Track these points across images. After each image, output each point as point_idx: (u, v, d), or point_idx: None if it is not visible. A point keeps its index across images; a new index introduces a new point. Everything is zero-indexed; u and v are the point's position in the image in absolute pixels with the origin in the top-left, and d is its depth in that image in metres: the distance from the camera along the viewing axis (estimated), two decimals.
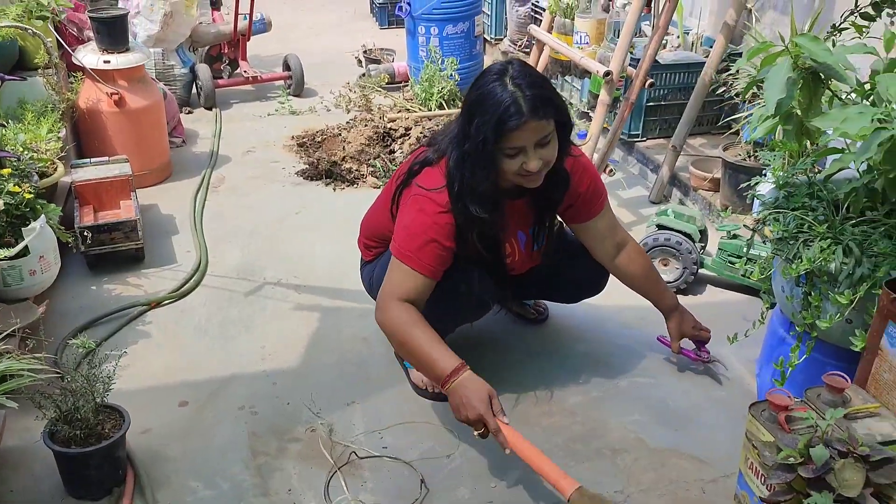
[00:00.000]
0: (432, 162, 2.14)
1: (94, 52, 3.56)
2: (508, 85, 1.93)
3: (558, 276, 2.45)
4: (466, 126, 1.99)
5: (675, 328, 2.43)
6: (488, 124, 1.93)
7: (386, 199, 2.30)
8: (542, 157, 1.99)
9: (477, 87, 1.99)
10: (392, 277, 2.11)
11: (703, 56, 3.73)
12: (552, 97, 1.99)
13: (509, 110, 1.91)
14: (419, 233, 2.08)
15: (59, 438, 1.93)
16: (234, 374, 2.49)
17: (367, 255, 2.47)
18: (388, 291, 2.10)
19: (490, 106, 1.93)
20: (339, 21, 6.94)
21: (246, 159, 4.12)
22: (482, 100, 1.95)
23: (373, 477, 2.10)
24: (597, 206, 2.33)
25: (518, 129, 1.93)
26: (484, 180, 2.00)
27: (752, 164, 3.07)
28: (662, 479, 2.09)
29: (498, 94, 1.92)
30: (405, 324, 2.04)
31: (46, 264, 2.46)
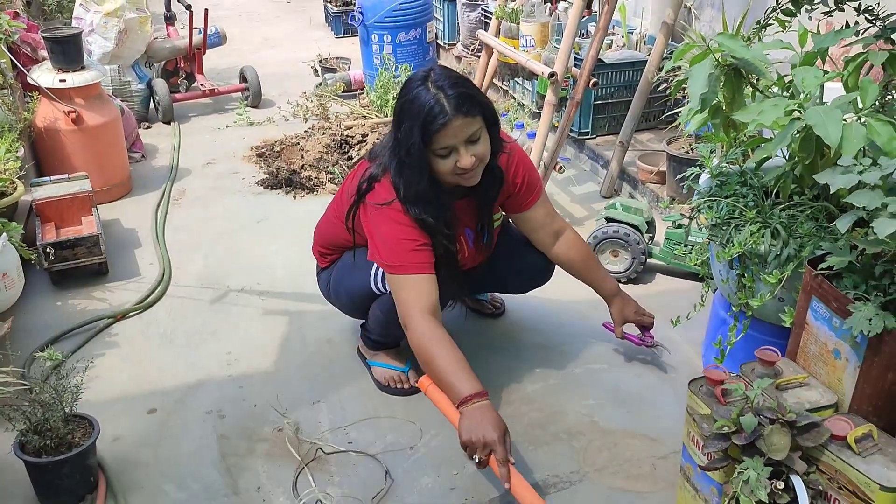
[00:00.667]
0: (378, 177, 2.19)
1: (49, 72, 3.59)
2: (431, 88, 2.01)
3: (507, 269, 2.55)
4: (398, 133, 2.08)
5: (617, 313, 2.52)
6: (416, 127, 2.01)
7: (337, 210, 2.38)
8: (474, 154, 2.07)
9: (403, 95, 2.07)
10: (400, 295, 2.13)
11: (647, 55, 3.86)
12: (474, 95, 2.07)
13: (433, 110, 1.99)
14: (398, 241, 2.14)
15: (30, 449, 1.98)
16: (200, 381, 2.55)
17: (323, 263, 2.54)
18: (405, 310, 2.11)
19: (416, 109, 2.01)
20: (294, 32, 7.00)
21: (206, 171, 4.17)
22: (408, 105, 2.04)
23: (339, 471, 2.18)
24: (533, 195, 2.41)
25: (445, 127, 2.01)
26: (420, 182, 2.09)
27: (693, 157, 3.20)
28: (616, 458, 2.20)
29: (422, 97, 2.01)
30: (429, 341, 2.04)
31: (10, 282, 2.50)
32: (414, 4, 4.81)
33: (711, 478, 1.76)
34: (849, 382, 1.72)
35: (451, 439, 2.27)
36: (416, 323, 2.07)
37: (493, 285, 2.69)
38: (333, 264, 2.49)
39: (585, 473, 2.15)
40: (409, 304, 2.10)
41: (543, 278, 2.61)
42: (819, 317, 1.77)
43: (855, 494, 1.55)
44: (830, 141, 1.60)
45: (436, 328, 2.06)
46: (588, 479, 2.14)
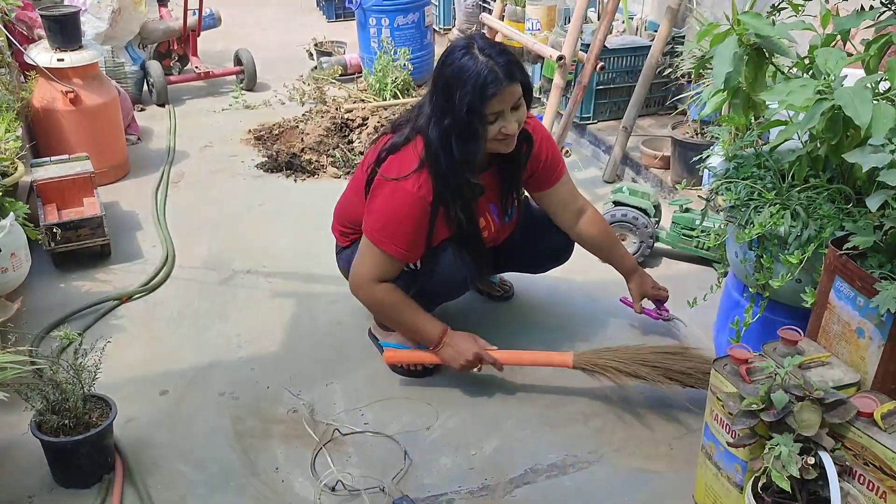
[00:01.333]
0: (399, 147, 2.21)
1: (46, 51, 3.53)
2: (479, 56, 2.04)
3: (526, 248, 2.56)
4: (445, 103, 2.08)
5: (636, 289, 2.56)
6: (471, 94, 2.03)
7: (357, 187, 2.37)
8: (517, 119, 2.13)
9: (449, 64, 2.08)
10: (366, 258, 2.25)
11: (648, 40, 3.88)
12: (518, 61, 2.12)
13: (488, 78, 2.02)
14: (391, 219, 2.18)
15: (47, 429, 1.96)
16: (211, 362, 2.53)
17: (343, 241, 2.53)
18: (364, 273, 2.25)
19: (469, 78, 2.03)
20: (285, 16, 6.93)
21: (204, 154, 4.12)
22: (458, 74, 2.05)
23: (357, 452, 2.17)
24: (557, 172, 2.44)
25: (498, 94, 2.04)
26: (476, 150, 2.12)
27: (699, 141, 3.22)
28: (632, 438, 2.22)
29: (473, 66, 2.03)
30: (391, 303, 2.27)
31: (18, 262, 2.46)
32: None
33: (736, 455, 1.78)
34: (872, 361, 1.74)
35: (467, 420, 2.28)
36: (373, 288, 2.25)
37: (513, 264, 2.69)
38: (354, 243, 2.47)
39: (603, 454, 2.17)
40: (368, 273, 2.24)
41: (564, 257, 2.62)
42: (842, 296, 1.79)
43: (881, 470, 1.57)
44: (861, 121, 1.61)
45: (392, 289, 2.25)
46: (606, 459, 2.15)
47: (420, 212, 2.17)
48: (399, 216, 2.17)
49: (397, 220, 2.18)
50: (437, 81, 2.13)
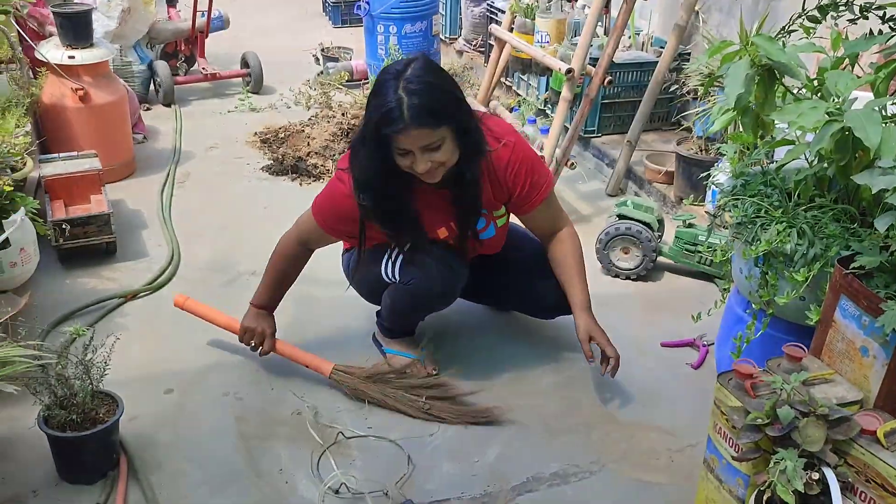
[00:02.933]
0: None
1: (57, 48, 3.55)
2: (399, 88, 1.95)
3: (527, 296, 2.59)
4: (364, 114, 2.09)
5: (584, 329, 2.36)
6: (373, 122, 2.00)
7: None
8: (431, 160, 2.04)
9: (377, 81, 2.04)
10: (300, 222, 2.43)
11: (655, 55, 3.91)
12: (441, 107, 2.00)
13: (391, 114, 1.96)
14: (329, 204, 2.32)
15: (55, 423, 1.97)
16: (216, 362, 2.54)
17: (345, 244, 2.56)
18: (296, 224, 2.45)
19: (377, 104, 1.99)
20: (290, 20, 6.97)
21: (210, 155, 4.14)
22: (374, 94, 2.02)
23: (360, 455, 2.19)
24: (537, 197, 2.33)
25: (399, 133, 1.98)
26: (368, 168, 2.09)
27: (704, 158, 3.25)
28: (633, 449, 2.24)
29: (387, 94, 1.97)
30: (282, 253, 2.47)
31: (27, 256, 2.48)
32: None
33: (739, 469, 1.79)
34: (875, 379, 1.77)
35: (470, 428, 2.30)
36: (290, 242, 2.44)
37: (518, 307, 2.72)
38: (352, 248, 2.50)
39: (604, 464, 2.18)
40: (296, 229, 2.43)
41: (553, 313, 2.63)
42: (847, 315, 1.82)
43: (883, 487, 1.59)
44: (870, 143, 1.64)
45: (294, 245, 2.44)
46: (607, 469, 2.17)
47: (348, 209, 2.23)
48: (330, 206, 2.31)
49: (329, 207, 2.31)
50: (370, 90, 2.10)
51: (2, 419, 2.20)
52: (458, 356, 2.49)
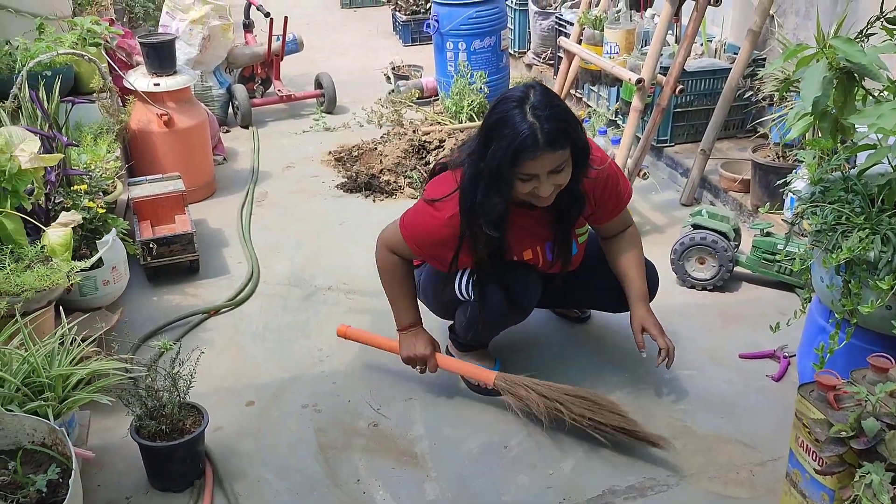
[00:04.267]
0: (447, 168, 2.28)
1: (143, 76, 3.73)
2: (528, 114, 1.98)
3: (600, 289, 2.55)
4: (483, 148, 2.06)
5: (636, 319, 2.41)
6: (505, 151, 1.99)
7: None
8: (554, 183, 2.08)
9: (497, 112, 2.04)
10: (393, 233, 2.35)
11: (728, 62, 3.85)
12: (569, 128, 2.04)
13: (526, 142, 1.97)
14: (420, 231, 2.27)
15: (145, 433, 2.06)
16: (294, 376, 2.61)
17: (414, 262, 2.58)
18: (386, 238, 2.39)
19: (508, 134, 1.99)
20: (362, 40, 7.12)
21: (286, 174, 4.27)
22: (500, 125, 2.01)
23: (436, 467, 2.21)
24: (616, 211, 2.40)
25: (533, 159, 2.00)
26: (497, 204, 2.09)
27: (781, 165, 3.18)
28: (712, 463, 2.20)
29: (517, 122, 1.98)
30: (392, 273, 2.41)
31: (118, 275, 2.60)
32: (489, 12, 4.86)
33: (823, 484, 1.74)
34: None
35: (545, 438, 2.30)
36: (386, 252, 2.39)
37: (587, 301, 2.70)
38: (423, 265, 2.54)
39: (682, 477, 2.15)
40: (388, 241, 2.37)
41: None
42: None
43: None
44: None
45: (398, 264, 2.38)
46: (685, 482, 2.13)
47: (446, 237, 2.21)
48: (425, 233, 2.26)
49: (424, 234, 2.26)
50: (484, 123, 2.09)
51: (97, 429, 2.31)
52: (531, 368, 2.49)
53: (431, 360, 2.41)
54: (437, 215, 2.22)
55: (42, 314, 2.21)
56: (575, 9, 4.70)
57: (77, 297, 2.52)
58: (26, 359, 1.94)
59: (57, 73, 3.25)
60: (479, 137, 2.12)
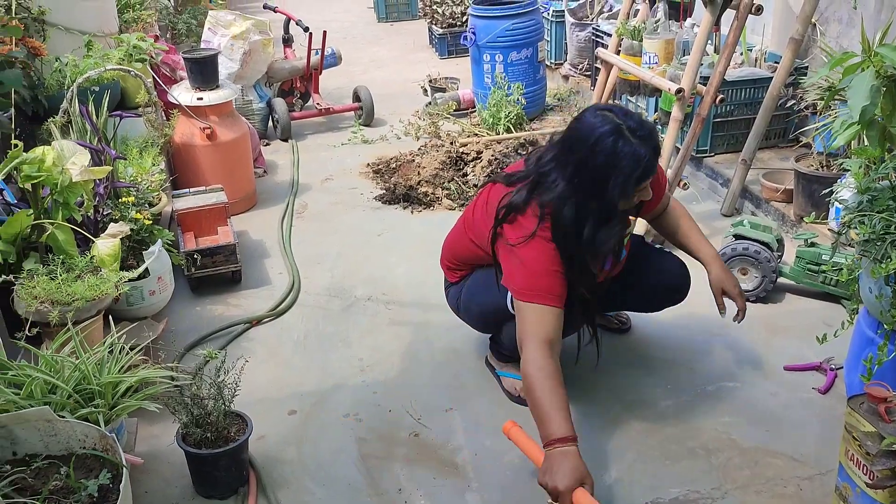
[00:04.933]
0: (520, 208, 2.17)
1: (187, 90, 3.80)
2: (632, 140, 2.03)
3: (640, 287, 2.54)
4: (592, 187, 2.06)
5: (716, 280, 2.44)
6: (627, 180, 2.04)
7: (467, 229, 2.43)
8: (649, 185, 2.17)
9: (599, 150, 2.03)
10: (526, 320, 2.10)
11: (769, 71, 3.81)
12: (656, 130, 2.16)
13: (650, 164, 2.07)
14: (538, 270, 2.11)
15: (191, 441, 2.10)
16: (335, 385, 2.64)
17: (452, 277, 2.58)
18: (525, 335, 2.09)
19: (627, 165, 2.03)
20: (399, 53, 7.18)
21: (325, 186, 4.31)
22: (615, 161, 2.02)
23: (477, 477, 2.21)
24: (661, 195, 2.47)
25: (653, 175, 2.12)
26: (611, 234, 2.14)
27: (826, 174, 3.13)
28: (758, 476, 2.16)
29: (632, 151, 2.02)
30: (538, 371, 2.01)
31: (164, 285, 2.65)
32: (526, 24, 4.88)
33: (874, 498, 1.71)
34: None
35: (587, 451, 2.26)
36: (532, 349, 2.04)
37: (627, 303, 2.67)
38: (464, 280, 2.53)
39: (727, 491, 2.12)
40: (530, 331, 2.08)
41: (679, 296, 2.57)
42: None
43: None
44: None
45: (548, 359, 2.02)
46: (731, 496, 2.10)
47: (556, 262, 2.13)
48: (542, 266, 2.12)
49: (542, 268, 2.12)
50: (585, 164, 2.06)
51: (144, 436, 2.35)
52: (576, 381, 2.48)
53: (566, 498, 1.83)
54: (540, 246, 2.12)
55: (92, 323, 2.27)
56: (612, 20, 4.69)
57: (124, 306, 2.57)
58: (77, 366, 1.98)
59: (105, 88, 3.34)
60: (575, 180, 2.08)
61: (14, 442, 1.86)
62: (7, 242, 2.42)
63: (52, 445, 1.87)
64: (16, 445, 1.86)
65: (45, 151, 2.39)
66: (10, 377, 1.96)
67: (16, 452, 1.86)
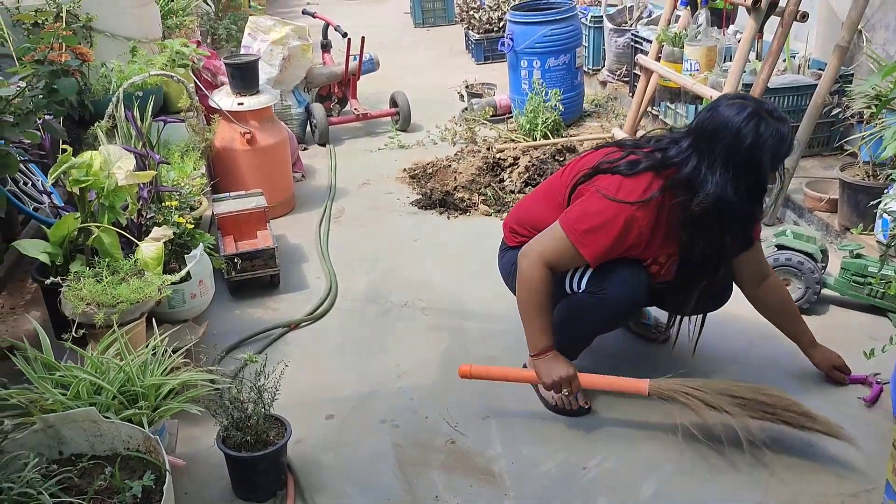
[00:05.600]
0: (623, 173, 2.25)
1: (228, 95, 3.85)
2: (772, 120, 2.12)
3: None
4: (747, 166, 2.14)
5: (824, 361, 2.54)
6: (775, 156, 2.14)
7: (548, 193, 2.45)
8: None
9: (743, 138, 2.11)
10: (552, 242, 2.28)
11: (813, 78, 3.75)
12: None
13: (791, 141, 2.17)
14: (602, 228, 2.21)
15: (231, 444, 2.12)
16: (373, 391, 2.64)
17: (511, 241, 2.55)
18: (540, 251, 2.28)
19: (771, 144, 2.11)
20: (436, 59, 7.19)
21: (362, 191, 4.34)
22: (760, 144, 2.11)
23: (514, 486, 2.20)
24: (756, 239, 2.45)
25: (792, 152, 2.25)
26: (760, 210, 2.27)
27: (872, 184, 3.07)
28: (802, 493, 2.12)
29: (776, 130, 2.12)
30: (535, 292, 2.29)
31: (205, 288, 2.69)
32: (564, 30, 4.86)
33: None
34: None
35: (625, 461, 2.26)
36: (537, 267, 2.27)
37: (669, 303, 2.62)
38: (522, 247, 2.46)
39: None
40: (545, 254, 2.27)
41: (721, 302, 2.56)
42: None
43: None
44: None
45: (547, 282, 2.28)
46: None
47: (631, 236, 2.22)
48: (612, 231, 2.21)
49: (608, 232, 2.22)
50: (735, 149, 2.13)
51: (184, 438, 2.38)
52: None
53: (576, 380, 2.32)
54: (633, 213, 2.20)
55: (136, 325, 2.30)
56: (652, 26, 4.66)
57: (166, 309, 2.61)
58: (122, 368, 2.02)
59: (149, 93, 3.40)
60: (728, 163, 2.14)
61: (61, 442, 1.89)
62: (55, 245, 2.47)
63: (98, 446, 1.91)
64: (63, 445, 1.90)
65: (92, 156, 2.43)
66: (58, 378, 2.00)
67: (62, 452, 1.90)
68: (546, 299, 2.30)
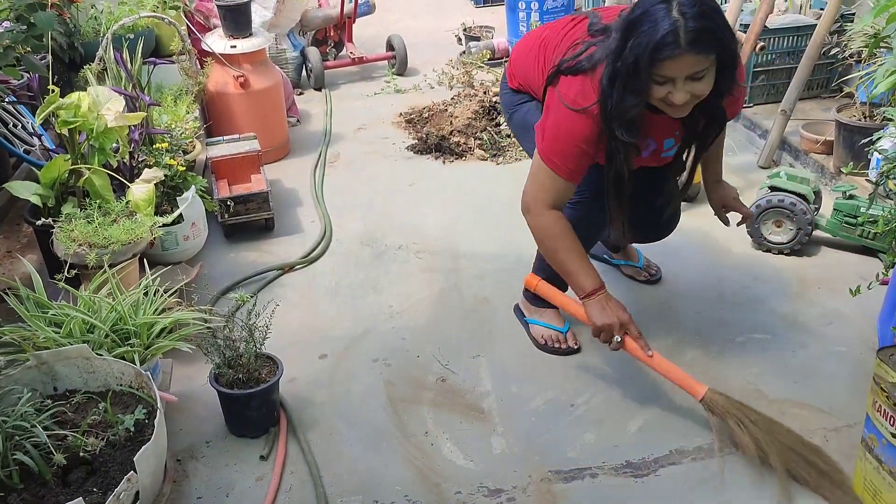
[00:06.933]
0: (584, 70, 2.04)
1: (221, 38, 3.81)
2: (673, 10, 1.81)
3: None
4: (621, 44, 1.89)
5: (716, 200, 2.48)
6: (644, 48, 1.83)
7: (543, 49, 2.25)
8: (691, 91, 1.89)
9: (641, 6, 1.87)
10: (538, 178, 2.15)
11: (813, 18, 3.69)
12: (717, 31, 1.84)
13: (667, 39, 1.80)
14: (562, 139, 2.07)
15: (223, 381, 2.15)
16: (366, 330, 2.67)
17: (512, 83, 2.44)
18: (536, 195, 2.16)
19: (648, 30, 1.82)
20: (435, 2, 7.08)
21: (358, 136, 4.31)
22: (641, 21, 1.85)
23: (503, 423, 2.24)
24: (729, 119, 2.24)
25: (671, 59, 1.82)
26: (633, 107, 1.94)
27: (868, 125, 3.05)
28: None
29: (659, 17, 1.81)
30: (555, 234, 2.15)
31: (197, 231, 2.70)
32: None
33: None
34: None
35: (612, 398, 2.30)
36: (542, 212, 2.15)
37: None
38: (522, 105, 2.40)
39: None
40: (540, 193, 2.15)
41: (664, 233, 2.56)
42: None
43: None
44: None
45: (560, 219, 2.15)
46: None
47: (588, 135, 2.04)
48: (568, 137, 2.06)
49: (567, 139, 2.06)
50: (626, 17, 1.91)
51: (179, 377, 2.41)
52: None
53: (632, 326, 2.13)
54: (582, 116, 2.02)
55: (127, 266, 2.32)
56: None
57: (159, 251, 2.63)
58: (114, 307, 2.04)
59: (139, 35, 3.36)
60: (617, 34, 1.93)
61: (55, 378, 1.93)
62: (46, 187, 2.48)
63: (91, 382, 1.94)
64: (56, 381, 1.93)
65: (80, 97, 2.42)
66: (51, 316, 2.02)
67: (56, 388, 1.94)
68: (570, 240, 2.14)
